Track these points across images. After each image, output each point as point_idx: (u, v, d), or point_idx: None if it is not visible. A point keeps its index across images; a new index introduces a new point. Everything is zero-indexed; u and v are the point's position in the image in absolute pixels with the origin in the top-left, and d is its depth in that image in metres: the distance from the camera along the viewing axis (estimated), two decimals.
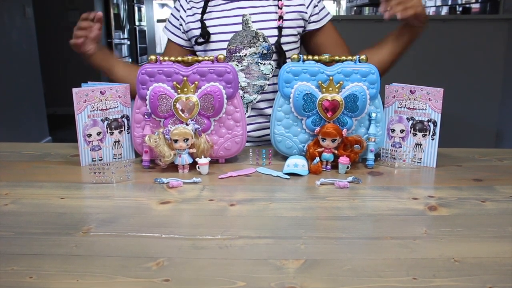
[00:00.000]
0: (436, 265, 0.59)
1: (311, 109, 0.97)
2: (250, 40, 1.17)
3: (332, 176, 0.94)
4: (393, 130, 1.04)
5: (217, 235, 0.68)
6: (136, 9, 7.04)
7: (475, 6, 4.18)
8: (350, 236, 0.68)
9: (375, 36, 1.27)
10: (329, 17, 1.24)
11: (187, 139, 0.94)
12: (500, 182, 0.91)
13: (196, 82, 0.97)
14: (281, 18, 1.17)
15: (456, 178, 0.94)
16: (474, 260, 0.61)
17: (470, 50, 2.84)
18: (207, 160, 0.95)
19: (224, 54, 1.00)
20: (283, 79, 0.99)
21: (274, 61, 1.18)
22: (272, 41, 1.17)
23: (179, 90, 0.96)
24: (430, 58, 2.82)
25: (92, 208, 0.80)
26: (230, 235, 0.68)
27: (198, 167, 0.95)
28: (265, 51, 1.17)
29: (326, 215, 0.76)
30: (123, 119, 1.05)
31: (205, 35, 1.17)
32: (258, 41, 1.17)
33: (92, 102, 1.00)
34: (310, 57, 0.99)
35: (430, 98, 0.99)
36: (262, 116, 1.22)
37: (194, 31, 1.20)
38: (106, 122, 1.03)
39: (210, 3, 1.21)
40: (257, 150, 1.05)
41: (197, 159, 0.95)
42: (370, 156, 0.99)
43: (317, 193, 0.86)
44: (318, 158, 0.95)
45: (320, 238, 0.67)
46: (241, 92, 1.19)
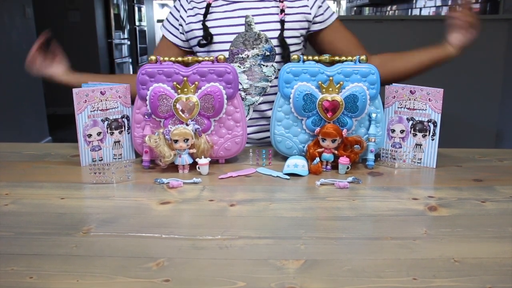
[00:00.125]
0: (436, 265, 0.59)
1: (311, 109, 0.97)
2: (253, 41, 1.16)
3: (332, 176, 0.94)
4: (393, 131, 1.04)
5: (217, 235, 0.68)
6: (136, 9, 7.04)
7: (475, 6, 4.17)
8: (350, 236, 0.68)
9: (375, 36, 1.27)
10: (334, 16, 1.24)
11: (187, 140, 0.94)
12: (500, 182, 0.91)
13: (196, 83, 0.97)
14: (282, 11, 1.17)
15: (456, 179, 0.94)
16: (474, 260, 0.61)
17: (470, 50, 2.83)
18: (207, 160, 0.95)
19: (224, 54, 0.99)
20: (283, 80, 0.99)
21: (277, 62, 1.18)
22: (274, 42, 1.16)
23: (179, 91, 0.96)
24: None
25: (92, 208, 0.80)
26: (230, 236, 0.68)
27: (198, 168, 0.95)
28: (267, 53, 1.17)
29: (326, 216, 0.76)
30: (123, 119, 1.05)
31: (207, 38, 1.17)
32: (261, 42, 1.16)
33: (92, 102, 1.00)
34: (310, 57, 0.99)
35: (430, 99, 0.99)
36: (264, 118, 1.21)
37: (196, 32, 1.20)
38: (106, 122, 1.03)
39: (212, 4, 1.20)
40: (257, 150, 1.05)
41: (197, 160, 0.95)
42: (370, 156, 0.99)
43: (317, 193, 0.86)
44: (318, 159, 0.95)
45: (320, 239, 0.67)
46: (243, 93, 1.18)
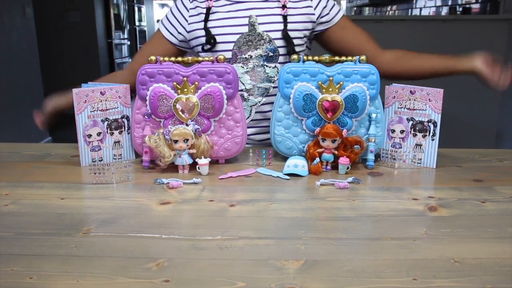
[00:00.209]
0: (436, 265, 0.59)
1: (311, 109, 0.97)
2: (256, 42, 1.16)
3: (332, 176, 0.94)
4: (393, 131, 1.04)
5: (217, 236, 0.68)
6: (136, 9, 7.03)
7: (475, 7, 4.17)
8: (350, 236, 0.68)
9: (375, 36, 1.27)
10: (341, 13, 1.23)
11: (187, 140, 0.94)
12: (500, 182, 0.91)
13: (196, 83, 0.97)
14: (284, 7, 1.17)
15: (456, 179, 0.94)
16: (474, 260, 0.61)
17: (470, 50, 2.82)
18: (207, 160, 0.95)
19: (224, 55, 0.99)
20: (283, 80, 0.99)
21: (280, 63, 1.18)
22: (278, 43, 1.16)
23: (179, 91, 0.96)
24: None
25: (92, 208, 0.80)
26: (230, 236, 0.68)
27: (198, 168, 0.95)
28: (271, 54, 1.17)
29: (326, 216, 0.76)
30: (123, 120, 1.05)
31: (210, 41, 1.17)
32: (265, 43, 1.16)
33: (92, 102, 1.00)
34: (310, 57, 0.99)
35: (430, 99, 0.99)
36: (265, 120, 1.20)
37: (198, 33, 1.19)
38: (106, 123, 1.03)
39: (215, 4, 1.19)
40: (257, 150, 1.05)
41: (197, 160, 0.95)
42: (370, 156, 0.99)
43: (317, 193, 0.86)
44: (318, 159, 0.95)
45: (320, 239, 0.67)
46: (245, 94, 1.18)
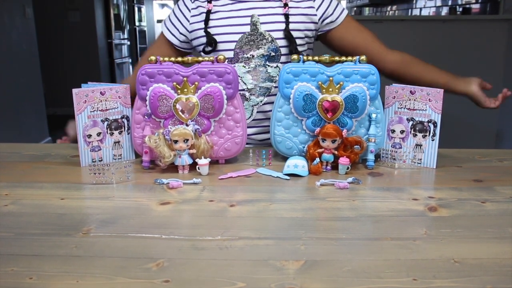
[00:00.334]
0: (436, 266, 0.59)
1: (311, 109, 0.97)
2: (258, 41, 1.16)
3: (332, 176, 0.94)
4: (393, 131, 1.04)
5: (217, 236, 0.68)
6: (136, 9, 7.03)
7: (475, 7, 4.17)
8: (350, 237, 0.68)
9: None
10: (345, 13, 1.23)
11: (187, 140, 0.94)
12: (500, 183, 0.91)
13: (196, 83, 0.97)
14: (286, 5, 1.17)
15: (456, 179, 0.94)
16: (474, 261, 0.61)
17: (470, 50, 2.83)
18: (207, 160, 0.95)
19: (224, 55, 0.99)
20: (283, 80, 0.98)
21: (282, 63, 1.17)
22: (280, 43, 1.16)
23: (179, 91, 0.96)
24: (430, 58, 2.81)
25: (92, 208, 0.80)
26: (230, 236, 0.68)
27: (198, 168, 0.95)
28: (273, 53, 1.17)
29: (326, 216, 0.76)
30: (123, 120, 1.05)
31: (211, 43, 1.17)
32: (267, 42, 1.16)
33: (92, 102, 1.00)
34: (310, 57, 0.99)
35: (430, 99, 0.99)
36: (267, 119, 1.20)
37: (199, 33, 1.20)
38: (106, 123, 1.03)
39: (217, 3, 1.20)
40: (257, 150, 1.05)
41: (197, 160, 0.95)
42: (370, 156, 0.99)
43: (317, 194, 0.86)
44: (318, 159, 0.95)
45: (320, 239, 0.67)
46: (247, 94, 1.18)
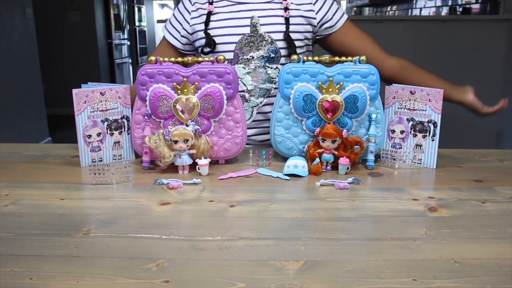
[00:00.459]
0: (436, 266, 0.59)
1: (311, 110, 0.97)
2: (258, 42, 1.16)
3: (332, 177, 0.94)
4: (393, 131, 1.04)
5: (217, 236, 0.68)
6: (136, 9, 7.03)
7: (475, 7, 4.17)
8: (350, 237, 0.68)
9: (375, 36, 1.27)
10: (345, 17, 1.23)
11: (187, 140, 0.94)
12: (500, 183, 0.91)
13: (196, 83, 0.97)
14: (287, 9, 1.17)
15: (456, 179, 0.94)
16: (474, 261, 0.61)
17: (470, 50, 2.83)
18: (207, 161, 0.95)
19: (224, 55, 0.99)
20: (283, 80, 0.98)
21: (282, 64, 1.17)
22: (280, 44, 1.16)
23: (179, 91, 0.96)
24: (430, 58, 2.81)
25: (92, 209, 0.80)
26: (230, 236, 0.68)
27: (198, 168, 0.95)
28: (272, 55, 1.17)
29: (326, 216, 0.76)
30: (123, 120, 1.05)
31: (210, 44, 1.17)
32: (266, 44, 1.16)
33: (92, 103, 1.00)
34: (310, 58, 0.99)
35: (430, 99, 0.99)
36: (267, 120, 1.20)
37: (199, 33, 1.20)
38: (106, 123, 1.03)
39: (217, 5, 1.20)
40: (257, 151, 1.05)
41: (197, 160, 0.95)
42: (370, 157, 0.99)
43: (317, 194, 0.86)
44: (318, 159, 0.95)
45: (320, 239, 0.67)
46: (247, 95, 1.18)
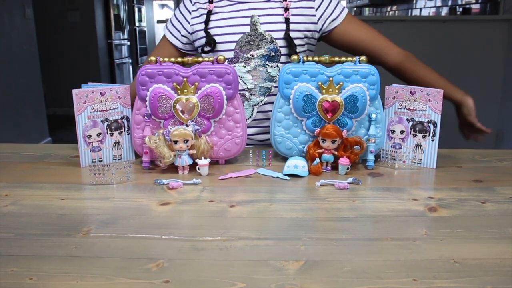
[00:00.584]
0: (436, 266, 0.59)
1: (311, 110, 0.97)
2: (258, 41, 1.17)
3: (332, 177, 0.94)
4: (393, 131, 1.04)
5: (217, 236, 0.68)
6: (136, 9, 7.03)
7: (475, 7, 4.17)
8: (350, 237, 0.68)
9: None
10: (345, 11, 1.23)
11: (187, 140, 0.94)
12: (500, 183, 0.91)
13: (196, 83, 0.97)
14: (287, 10, 1.17)
15: (456, 179, 0.94)
16: (474, 261, 0.61)
17: (470, 50, 2.84)
18: (207, 161, 0.95)
19: (224, 55, 1.00)
20: (283, 80, 0.99)
21: (282, 63, 1.18)
22: (280, 43, 1.16)
23: (179, 91, 0.96)
24: (430, 58, 2.81)
25: (92, 209, 0.80)
26: (230, 236, 0.68)
27: (198, 168, 0.95)
28: (273, 53, 1.17)
29: (326, 216, 0.76)
30: (123, 120, 1.05)
31: (210, 43, 1.17)
32: (267, 43, 1.16)
33: (92, 103, 1.00)
34: (310, 58, 0.99)
35: (430, 99, 0.99)
36: (267, 120, 1.20)
37: (199, 33, 1.20)
38: (106, 123, 1.03)
39: (217, 4, 1.21)
40: (257, 151, 1.05)
41: (197, 160, 0.95)
42: (370, 157, 0.99)
43: (317, 194, 0.86)
44: (318, 159, 0.95)
45: (320, 239, 0.67)
46: (247, 94, 1.18)
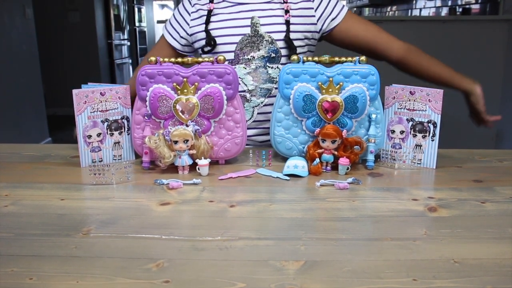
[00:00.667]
0: (436, 266, 0.59)
1: (311, 110, 0.97)
2: (259, 43, 1.17)
3: (332, 177, 0.94)
4: (393, 131, 1.04)
5: (217, 236, 0.68)
6: (136, 10, 7.03)
7: (475, 7, 4.17)
8: (350, 237, 0.68)
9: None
10: (345, 9, 1.23)
11: (187, 140, 0.94)
12: (500, 183, 0.91)
13: (196, 83, 0.97)
14: (287, 12, 1.17)
15: (456, 179, 0.94)
16: (474, 261, 0.61)
17: (470, 50, 2.83)
18: (207, 161, 0.95)
19: (225, 55, 1.00)
20: (283, 80, 0.99)
21: (282, 64, 1.18)
22: (280, 44, 1.17)
23: (179, 91, 0.96)
24: None
25: (92, 209, 0.80)
26: (230, 236, 0.68)
27: (198, 168, 0.95)
28: (273, 55, 1.17)
29: (326, 216, 0.76)
30: (123, 120, 1.05)
31: (211, 43, 1.18)
32: (267, 44, 1.16)
33: (92, 103, 1.00)
34: (310, 58, 0.99)
35: (430, 99, 0.99)
36: (268, 121, 1.19)
37: (199, 36, 1.20)
38: (106, 123, 1.03)
39: (217, 6, 1.21)
40: (257, 151, 1.05)
41: (197, 160, 0.95)
42: (370, 157, 0.99)
43: (317, 194, 0.86)
44: (318, 159, 0.95)
45: (320, 239, 0.67)
46: (248, 95, 1.19)
